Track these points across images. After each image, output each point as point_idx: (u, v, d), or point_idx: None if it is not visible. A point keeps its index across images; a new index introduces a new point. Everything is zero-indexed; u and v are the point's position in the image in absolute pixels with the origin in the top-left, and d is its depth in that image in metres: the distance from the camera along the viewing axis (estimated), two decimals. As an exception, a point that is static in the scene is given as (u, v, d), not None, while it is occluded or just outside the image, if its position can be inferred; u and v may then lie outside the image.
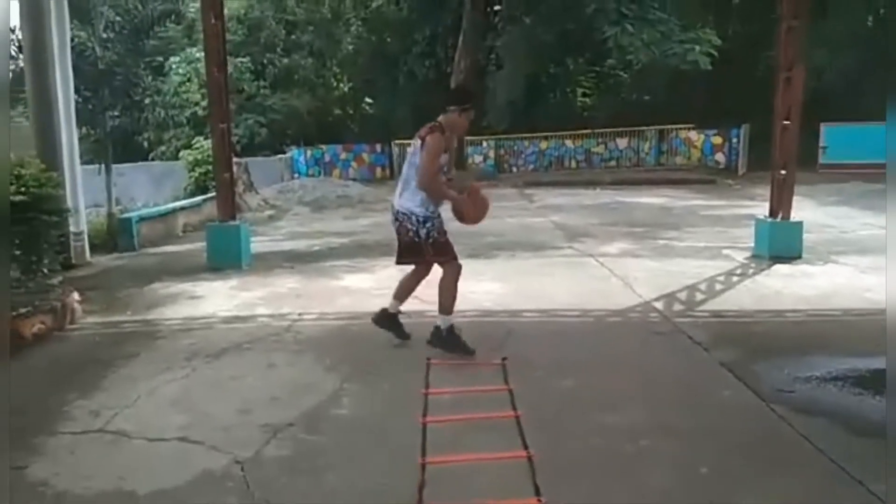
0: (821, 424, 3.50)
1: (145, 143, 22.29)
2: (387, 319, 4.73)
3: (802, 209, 12.22)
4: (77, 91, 8.71)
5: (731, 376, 4.16)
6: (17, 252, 6.34)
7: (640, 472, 3.05)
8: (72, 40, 8.57)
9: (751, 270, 7.23)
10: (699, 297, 6.16)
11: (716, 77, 19.79)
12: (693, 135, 21.64)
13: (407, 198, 4.35)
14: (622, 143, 22.34)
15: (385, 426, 3.46)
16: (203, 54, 24.27)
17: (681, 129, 21.67)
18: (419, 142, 4.26)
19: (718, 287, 6.52)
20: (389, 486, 2.89)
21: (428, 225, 4.33)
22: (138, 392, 4.06)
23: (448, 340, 4.46)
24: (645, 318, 5.53)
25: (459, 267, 4.47)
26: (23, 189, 6.39)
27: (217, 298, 6.36)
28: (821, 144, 20.02)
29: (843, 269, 7.26)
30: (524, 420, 3.41)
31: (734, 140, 20.58)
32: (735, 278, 6.89)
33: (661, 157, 22.09)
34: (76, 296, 5.86)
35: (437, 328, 4.53)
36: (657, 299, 6.00)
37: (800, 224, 7.89)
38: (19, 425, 3.62)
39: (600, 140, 22.41)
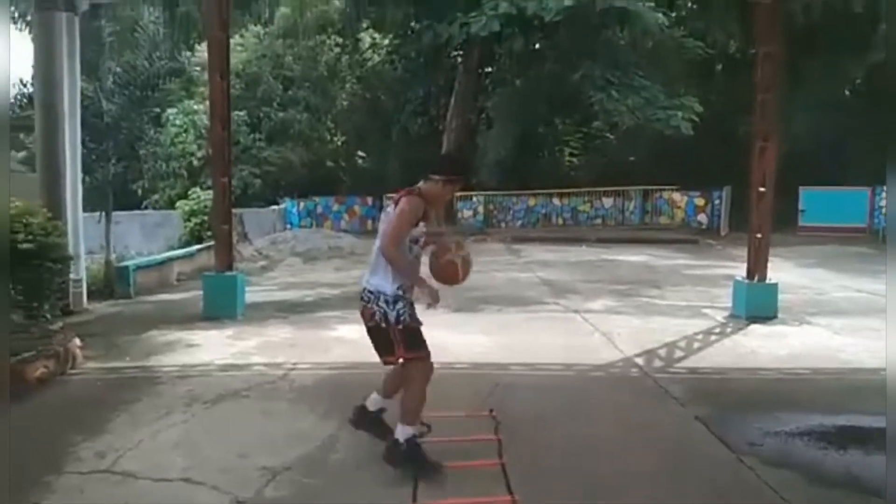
0: (786, 476, 3.73)
1: (139, 192, 22.64)
2: (364, 419, 3.99)
3: (780, 270, 12.66)
4: (83, 142, 9.04)
5: (704, 429, 4.41)
6: (21, 298, 6.56)
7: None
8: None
9: (728, 329, 7.54)
10: (678, 353, 6.43)
11: (699, 140, 20.52)
12: (677, 196, 22.30)
13: (379, 275, 3.66)
14: (608, 202, 22.94)
15: (378, 471, 3.65)
16: (200, 107, 24.60)
17: (665, 189, 22.32)
18: (392, 206, 3.70)
19: (697, 345, 6.81)
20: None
21: (398, 306, 3.61)
22: (141, 435, 4.24)
23: (410, 456, 3.64)
24: (625, 373, 5.79)
25: (431, 367, 3.74)
26: (30, 237, 6.66)
27: (214, 347, 6.57)
28: (800, 207, 20.69)
29: (817, 330, 7.57)
30: (508, 467, 3.65)
31: (716, 201, 21.22)
32: (713, 337, 7.18)
33: (646, 217, 22.67)
34: (77, 341, 6.05)
35: (394, 441, 3.67)
36: (638, 355, 6.27)
37: (775, 286, 8.24)
38: (29, 464, 3.80)
39: (587, 199, 23.01)
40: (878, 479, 3.71)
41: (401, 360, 3.69)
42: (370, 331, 3.74)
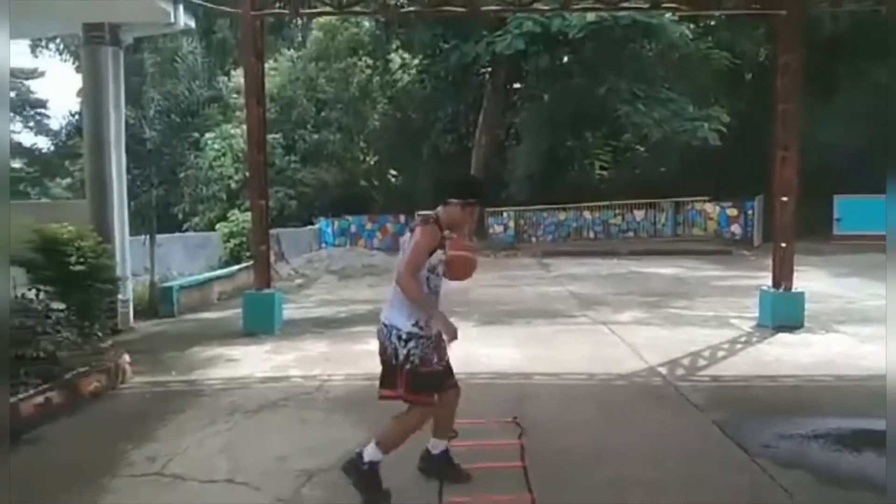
0: (798, 476, 3.88)
1: (179, 215, 23.41)
2: (436, 464, 3.87)
3: (812, 279, 12.65)
4: (127, 169, 9.55)
5: (720, 433, 4.57)
6: (74, 317, 6.99)
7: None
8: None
9: (754, 339, 7.63)
10: (701, 363, 6.57)
11: (730, 150, 20.48)
12: (709, 207, 22.19)
13: (395, 309, 3.56)
14: (639, 214, 22.92)
15: (408, 472, 3.88)
16: (237, 131, 25.34)
17: (696, 201, 22.24)
18: (408, 235, 3.69)
19: (721, 354, 6.92)
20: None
21: (410, 345, 3.47)
22: (187, 442, 4.57)
23: (365, 478, 3.57)
24: (648, 381, 5.95)
25: (429, 416, 3.66)
26: (82, 260, 7.11)
27: (253, 361, 6.91)
28: (834, 216, 20.46)
29: (843, 339, 7.61)
30: (529, 471, 3.88)
31: (749, 212, 21.07)
32: (738, 346, 7.29)
33: (678, 229, 22.58)
34: (127, 357, 6.44)
35: (358, 455, 3.61)
36: (661, 365, 6.43)
37: (801, 294, 8.29)
38: (86, 469, 4.15)
39: (617, 211, 23.03)
40: (884, 477, 3.85)
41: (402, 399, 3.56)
42: (382, 362, 3.65)
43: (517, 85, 25.66)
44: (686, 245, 20.26)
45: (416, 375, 3.47)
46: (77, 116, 29.80)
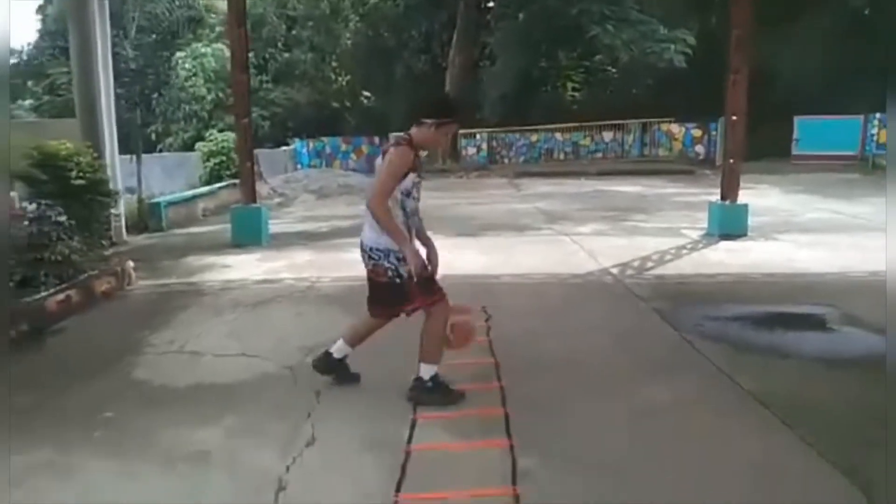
0: (719, 347, 4.68)
1: (153, 136, 23.41)
2: (330, 365, 3.99)
3: (765, 196, 13.54)
4: (111, 89, 9.82)
5: (658, 318, 5.37)
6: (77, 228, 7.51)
7: (577, 372, 4.24)
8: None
9: (700, 246, 8.44)
10: (649, 265, 7.36)
11: (698, 72, 20.95)
12: (675, 128, 22.84)
13: (377, 231, 3.55)
14: (608, 135, 23.53)
15: (396, 347, 4.54)
16: (208, 49, 24.97)
17: (663, 122, 22.86)
18: (381, 158, 3.65)
19: (668, 258, 7.72)
20: (400, 374, 3.93)
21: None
22: (199, 329, 5.25)
23: (435, 392, 3.72)
24: (600, 279, 6.74)
25: (448, 307, 3.73)
26: (81, 174, 7.58)
27: (246, 267, 7.56)
28: (794, 136, 21.25)
29: (781, 245, 8.45)
30: (497, 341, 4.64)
31: (713, 132, 21.77)
32: (684, 251, 8.10)
33: (645, 150, 23.29)
34: (131, 263, 7.03)
35: (418, 379, 3.74)
36: (614, 266, 7.21)
37: (745, 206, 9.08)
38: (112, 350, 4.82)
39: (587, 133, 23.59)
40: (792, 347, 4.70)
41: (421, 309, 3.68)
42: (378, 286, 3.70)
43: (490, 3, 25.58)
44: (651, 165, 21.02)
45: (423, 281, 3.57)
46: (39, 36, 29.13)
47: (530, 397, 3.81)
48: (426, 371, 3.72)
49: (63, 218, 6.29)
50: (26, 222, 6.06)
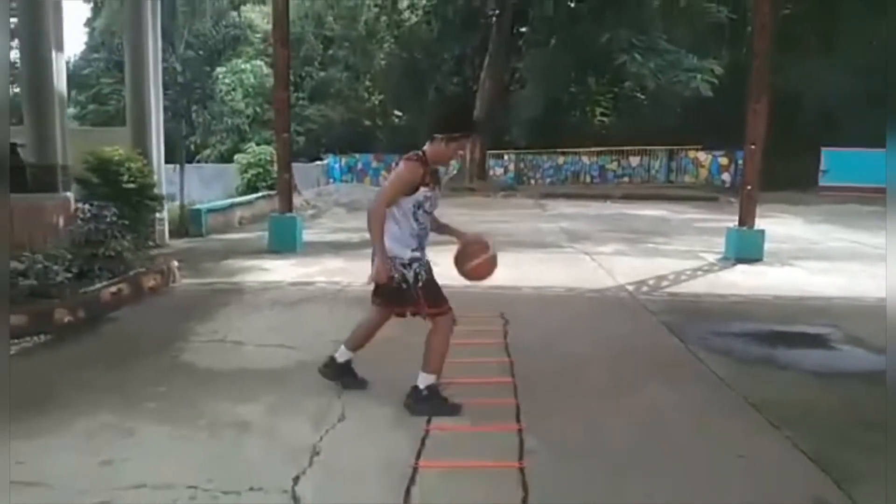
0: (719, 357, 5.00)
1: (191, 147, 24.27)
2: (336, 370, 4.14)
3: (786, 224, 13.75)
4: (157, 101, 10.46)
5: (666, 330, 5.70)
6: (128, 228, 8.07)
7: (585, 374, 4.59)
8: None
9: (715, 268, 8.73)
10: (664, 283, 7.68)
11: (727, 100, 21.22)
12: (701, 155, 23.13)
13: (391, 239, 3.66)
14: (634, 160, 23.88)
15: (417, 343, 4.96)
16: (247, 66, 25.71)
17: (690, 149, 23.13)
18: (392, 168, 3.81)
19: (683, 278, 8.04)
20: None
21: (415, 266, 3.68)
22: (240, 323, 5.72)
23: (429, 401, 3.78)
24: (616, 295, 7.08)
25: (454, 320, 3.80)
26: (132, 179, 8.16)
27: (282, 271, 8.05)
28: (821, 168, 21.37)
29: (795, 271, 8.70)
30: (513, 344, 5.02)
31: (740, 161, 21.93)
32: (699, 273, 8.40)
33: (671, 176, 23.56)
34: (175, 262, 7.54)
35: (414, 388, 3.81)
36: (630, 284, 7.54)
37: (762, 232, 9.35)
38: (161, 337, 5.28)
39: (614, 157, 23.96)
40: (791, 361, 5.00)
41: (426, 316, 3.78)
42: (387, 291, 3.80)
43: (523, 29, 26.17)
44: (676, 191, 21.27)
45: (428, 286, 3.70)
46: (86, 48, 30.38)
47: (540, 392, 4.18)
48: (423, 380, 3.79)
49: (116, 218, 6.82)
50: (81, 221, 6.61)
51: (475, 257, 3.88)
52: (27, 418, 3.63)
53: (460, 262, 3.93)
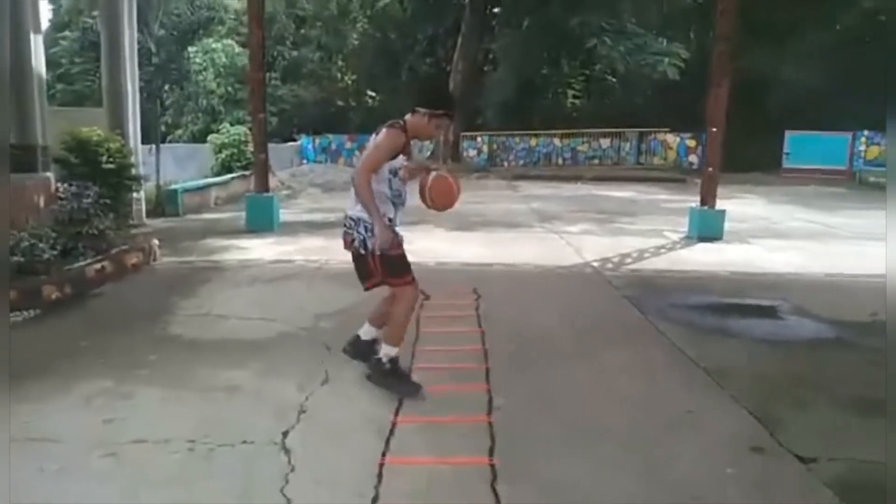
0: (676, 328, 5.38)
1: (163, 127, 24.11)
2: (359, 348, 4.10)
3: (749, 205, 14.25)
4: (133, 82, 10.53)
5: (627, 303, 6.07)
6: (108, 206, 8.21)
7: (551, 342, 4.93)
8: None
9: (677, 246, 9.14)
10: (628, 261, 8.06)
11: (695, 83, 21.68)
12: (670, 137, 23.61)
13: (354, 200, 3.69)
14: (605, 143, 24.30)
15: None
16: (218, 45, 25.52)
17: (659, 132, 23.61)
18: (373, 136, 3.74)
19: (646, 256, 8.42)
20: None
21: (377, 232, 3.58)
22: (223, 298, 5.96)
23: (391, 375, 3.84)
24: (581, 271, 7.45)
25: (417, 295, 3.82)
26: (111, 159, 8.28)
27: (260, 249, 8.27)
28: (784, 150, 22.00)
29: (753, 248, 9.14)
30: (484, 316, 5.33)
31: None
32: (662, 250, 8.80)
33: (641, 157, 24.05)
34: (156, 241, 7.72)
35: (377, 360, 3.86)
36: (595, 261, 7.91)
37: (723, 212, 9.77)
38: (147, 311, 5.51)
39: (585, 139, 24.35)
40: (741, 329, 5.39)
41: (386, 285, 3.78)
42: (353, 259, 3.85)
43: (496, 10, 26.28)
44: (646, 172, 21.75)
45: (388, 258, 3.64)
46: (50, 26, 29.80)
47: (508, 358, 4.51)
48: (385, 352, 3.83)
49: (97, 197, 6.98)
50: (62, 200, 6.77)
51: (425, 185, 3.76)
52: (27, 386, 3.87)
53: (423, 198, 3.81)
